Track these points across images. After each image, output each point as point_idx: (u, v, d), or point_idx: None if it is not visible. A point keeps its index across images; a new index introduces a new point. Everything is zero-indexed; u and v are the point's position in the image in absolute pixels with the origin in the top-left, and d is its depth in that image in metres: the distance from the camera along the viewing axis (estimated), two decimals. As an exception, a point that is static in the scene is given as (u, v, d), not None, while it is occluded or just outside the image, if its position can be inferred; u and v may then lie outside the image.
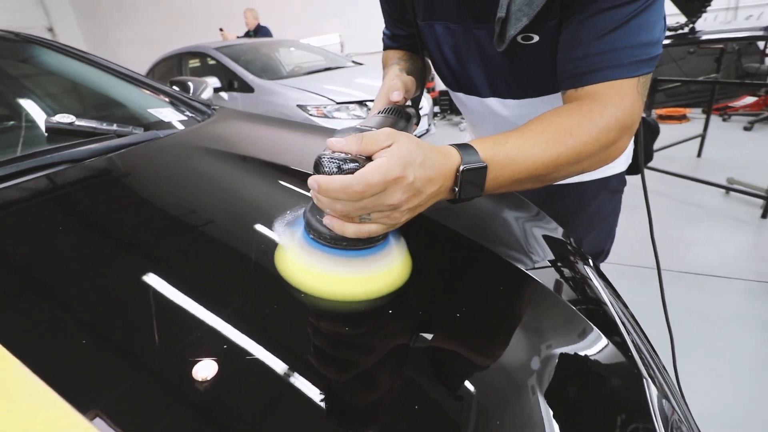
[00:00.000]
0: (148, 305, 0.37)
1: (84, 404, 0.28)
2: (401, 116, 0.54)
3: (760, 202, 2.22)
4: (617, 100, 0.47)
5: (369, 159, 0.37)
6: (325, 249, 0.40)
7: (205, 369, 0.31)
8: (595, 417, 0.34)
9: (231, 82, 3.49)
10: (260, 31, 4.90)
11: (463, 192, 0.41)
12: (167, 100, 1.15)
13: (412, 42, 0.71)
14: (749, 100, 4.03)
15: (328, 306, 0.39)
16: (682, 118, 4.09)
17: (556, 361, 0.37)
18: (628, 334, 0.45)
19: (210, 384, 0.30)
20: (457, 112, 5.21)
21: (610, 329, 0.43)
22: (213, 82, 3.39)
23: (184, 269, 0.44)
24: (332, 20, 6.55)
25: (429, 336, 0.37)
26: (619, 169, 0.74)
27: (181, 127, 0.96)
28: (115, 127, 0.86)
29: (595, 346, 0.41)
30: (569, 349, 0.39)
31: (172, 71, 4.07)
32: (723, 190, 2.44)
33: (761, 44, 3.80)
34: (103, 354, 0.33)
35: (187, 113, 1.11)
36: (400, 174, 0.36)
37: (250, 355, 0.33)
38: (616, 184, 0.75)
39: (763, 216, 2.16)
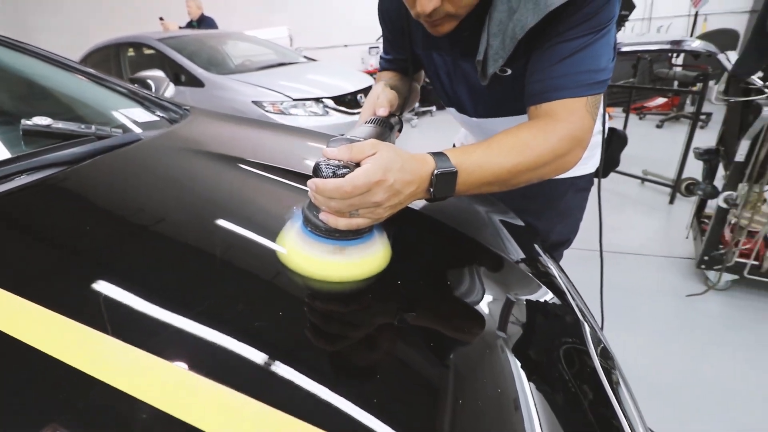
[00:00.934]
0: (161, 293, 0.44)
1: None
2: (386, 126, 0.61)
3: (668, 190, 2.61)
4: (568, 117, 0.56)
5: (358, 165, 0.45)
6: (321, 239, 0.48)
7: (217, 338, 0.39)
8: (545, 345, 0.48)
9: (177, 76, 3.34)
10: (204, 22, 4.69)
11: (437, 192, 0.50)
12: (137, 100, 1.15)
13: (405, 65, 0.80)
14: (661, 100, 4.61)
15: (323, 287, 0.48)
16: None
17: (518, 309, 0.50)
18: (569, 293, 0.59)
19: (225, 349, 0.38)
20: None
21: (556, 290, 0.57)
22: (159, 75, 3.24)
23: (193, 263, 0.50)
24: (280, 13, 6.41)
25: (409, 306, 0.48)
26: (585, 172, 0.85)
27: (160, 127, 0.98)
28: (93, 129, 0.86)
29: (545, 298, 0.54)
30: (526, 301, 0.52)
31: (108, 62, 3.80)
32: (639, 181, 2.83)
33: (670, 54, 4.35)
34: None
35: (158, 113, 1.12)
36: (382, 177, 0.44)
37: (260, 322, 0.41)
38: (582, 183, 0.86)
39: (671, 202, 2.55)
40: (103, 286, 0.44)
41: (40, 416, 0.31)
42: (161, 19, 4.74)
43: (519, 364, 0.43)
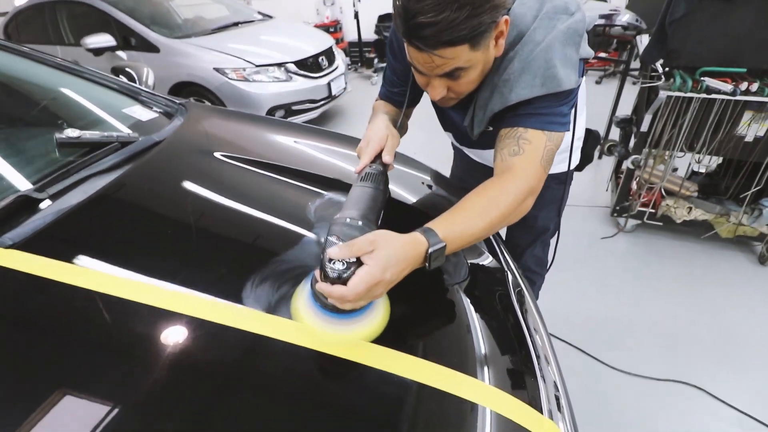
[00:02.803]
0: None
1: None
2: (383, 180, 0.69)
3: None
4: (525, 171, 0.67)
5: (359, 260, 0.51)
6: (328, 314, 0.55)
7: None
8: (484, 289, 0.77)
9: (127, 39, 3.19)
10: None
11: (432, 265, 0.57)
12: (132, 96, 1.26)
13: (401, 99, 0.90)
14: (602, 55, 4.94)
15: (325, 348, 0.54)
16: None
17: (466, 267, 0.79)
18: (500, 254, 0.89)
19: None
20: (368, 65, 5.35)
21: (492, 252, 0.86)
22: (106, 39, 3.08)
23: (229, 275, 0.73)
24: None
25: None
26: (562, 169, 1.04)
27: (169, 127, 1.11)
28: (115, 136, 1.01)
29: (485, 261, 0.83)
30: (473, 263, 0.81)
31: (42, 23, 3.49)
32: (576, 138, 3.20)
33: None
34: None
35: (155, 109, 1.25)
36: (380, 278, 0.51)
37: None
38: (561, 177, 1.07)
39: (599, 157, 2.95)
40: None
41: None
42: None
43: (468, 301, 0.72)
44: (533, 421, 0.55)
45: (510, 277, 0.84)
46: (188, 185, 0.91)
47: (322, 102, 3.41)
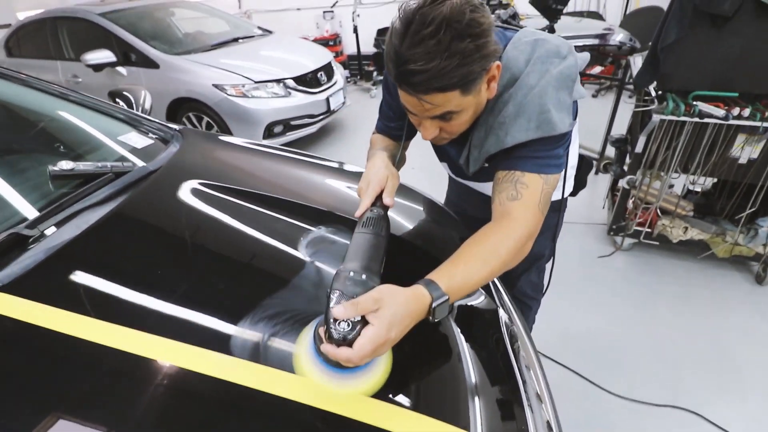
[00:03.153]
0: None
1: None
2: (385, 224, 0.69)
3: (594, 163, 3.02)
4: (523, 217, 0.67)
5: (363, 318, 0.51)
6: (330, 368, 0.54)
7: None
8: (478, 329, 0.77)
9: (127, 55, 3.22)
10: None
11: (436, 318, 0.57)
12: (128, 122, 1.27)
13: (399, 134, 0.90)
14: (598, 69, 5.00)
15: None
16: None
17: (460, 308, 0.79)
18: (495, 290, 0.89)
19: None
20: (367, 78, 5.40)
21: (487, 291, 0.86)
22: (106, 56, 3.11)
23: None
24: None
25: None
26: (556, 197, 1.01)
27: (164, 155, 1.11)
28: (109, 166, 1.01)
29: (478, 300, 0.83)
30: (464, 304, 0.81)
31: (44, 38, 3.53)
32: (573, 153, 3.21)
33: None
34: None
35: (151, 135, 1.26)
36: (386, 338, 0.50)
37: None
38: (555, 205, 1.03)
39: (596, 173, 2.96)
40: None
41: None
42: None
43: (464, 346, 0.70)
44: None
45: (503, 315, 0.84)
46: (183, 218, 0.91)
47: (321, 117, 3.43)
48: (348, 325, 0.50)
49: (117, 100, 1.50)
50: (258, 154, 1.29)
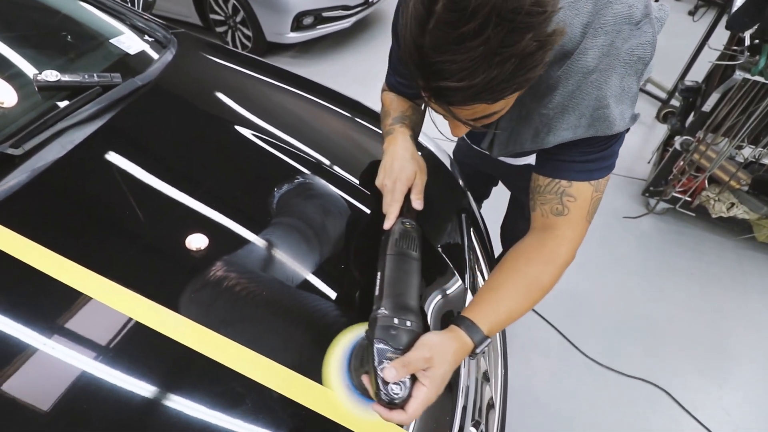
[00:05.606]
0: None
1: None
2: (417, 246, 0.62)
3: (659, 104, 2.61)
4: (571, 233, 0.60)
5: (413, 376, 0.49)
6: (360, 396, 0.55)
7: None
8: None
9: None
10: None
11: (474, 358, 0.56)
12: (125, 22, 1.17)
13: (413, 92, 0.77)
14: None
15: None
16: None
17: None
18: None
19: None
20: None
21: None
22: None
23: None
24: None
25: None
26: None
27: (157, 65, 1.03)
28: (96, 78, 0.96)
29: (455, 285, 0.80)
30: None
31: None
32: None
33: None
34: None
35: (147, 37, 1.17)
36: (437, 393, 0.49)
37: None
38: None
39: (657, 117, 2.57)
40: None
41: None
42: None
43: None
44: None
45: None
46: (170, 141, 0.88)
47: (358, 8, 3.06)
48: (400, 388, 0.48)
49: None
50: (259, 70, 1.18)
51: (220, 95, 1.04)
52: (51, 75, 0.92)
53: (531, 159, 0.91)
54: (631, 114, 0.56)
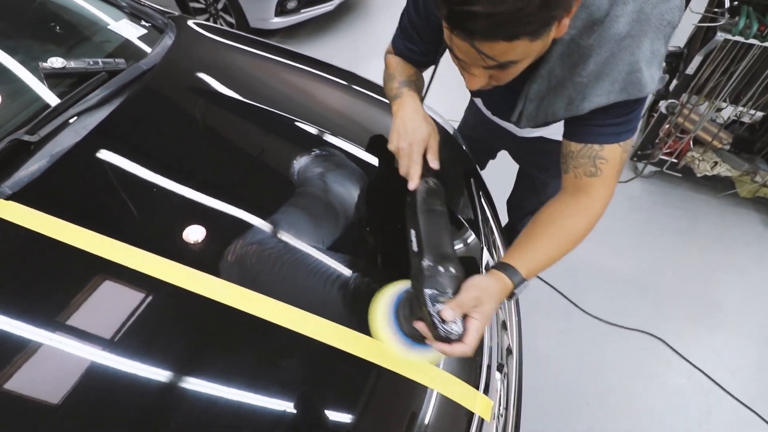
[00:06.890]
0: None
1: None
2: (443, 200, 0.67)
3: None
4: (603, 192, 0.65)
5: (465, 314, 0.54)
6: (410, 341, 0.62)
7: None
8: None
9: None
10: None
11: (512, 299, 0.65)
12: (122, 9, 1.16)
13: (423, 59, 0.78)
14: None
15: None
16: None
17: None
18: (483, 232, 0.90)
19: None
20: None
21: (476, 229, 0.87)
22: None
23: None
24: None
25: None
26: None
27: (158, 49, 1.04)
28: (101, 64, 0.97)
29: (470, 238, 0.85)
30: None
31: None
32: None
33: None
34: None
35: (143, 23, 1.16)
36: (487, 324, 0.56)
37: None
38: None
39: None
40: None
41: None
42: None
43: None
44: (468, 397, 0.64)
45: (486, 256, 0.86)
46: (185, 126, 0.89)
47: (342, -9, 3.03)
48: (456, 325, 0.53)
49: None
50: (258, 46, 1.19)
51: (226, 73, 1.05)
52: (57, 62, 0.92)
53: (545, 131, 0.95)
54: (660, 76, 0.59)
